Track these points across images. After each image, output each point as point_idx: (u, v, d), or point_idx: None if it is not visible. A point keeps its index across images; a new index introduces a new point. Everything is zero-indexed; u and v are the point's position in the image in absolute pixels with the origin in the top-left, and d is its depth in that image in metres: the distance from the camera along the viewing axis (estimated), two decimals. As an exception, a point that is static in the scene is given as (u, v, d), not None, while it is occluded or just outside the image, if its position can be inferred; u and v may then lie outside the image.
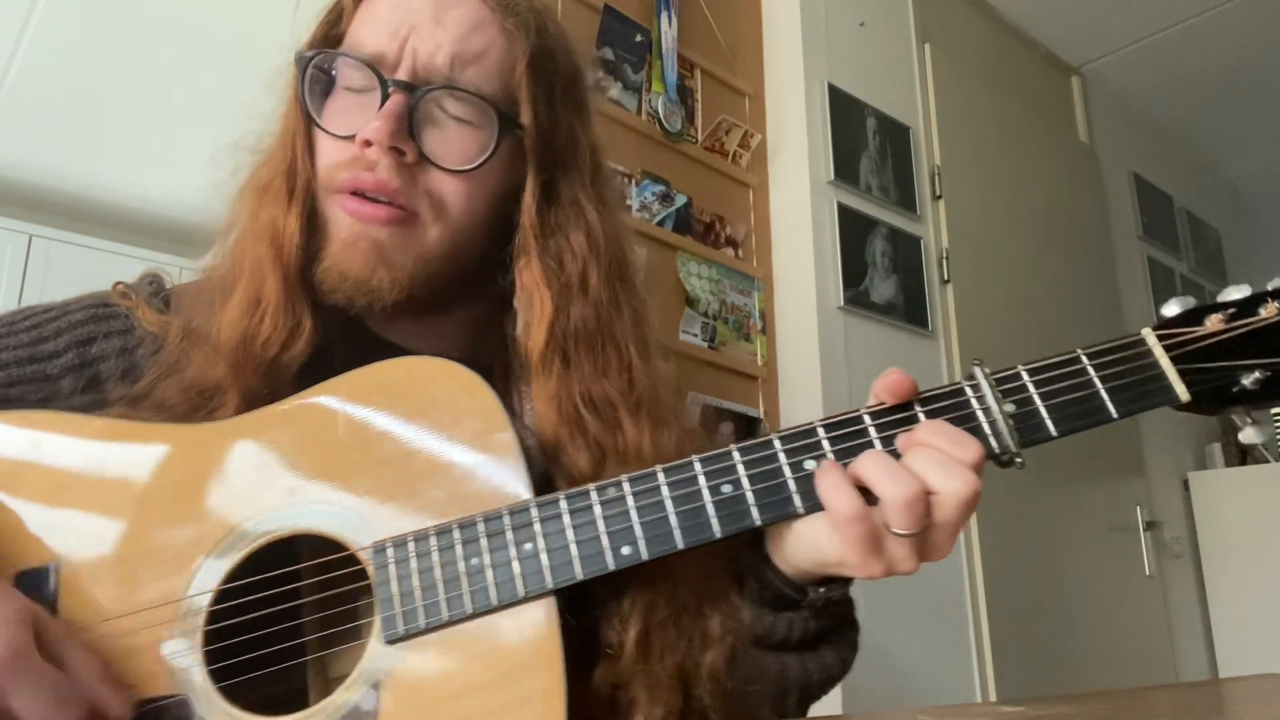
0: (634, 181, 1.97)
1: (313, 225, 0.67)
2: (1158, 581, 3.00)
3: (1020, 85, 3.18)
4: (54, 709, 0.46)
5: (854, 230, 2.30)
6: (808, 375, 2.13)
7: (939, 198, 2.60)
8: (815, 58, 2.35)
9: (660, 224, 1.99)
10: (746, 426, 2.06)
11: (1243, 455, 3.39)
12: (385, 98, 0.63)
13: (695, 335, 2.01)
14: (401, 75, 0.64)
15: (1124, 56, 3.46)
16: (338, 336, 0.68)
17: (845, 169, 2.32)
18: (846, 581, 0.63)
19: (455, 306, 0.72)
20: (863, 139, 2.41)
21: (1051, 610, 2.56)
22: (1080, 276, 3.09)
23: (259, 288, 0.65)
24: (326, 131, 0.66)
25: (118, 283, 0.71)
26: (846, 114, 2.38)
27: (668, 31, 2.08)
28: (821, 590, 0.61)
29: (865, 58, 2.52)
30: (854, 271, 2.26)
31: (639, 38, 2.02)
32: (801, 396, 2.13)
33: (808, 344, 2.15)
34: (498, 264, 0.70)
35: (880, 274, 2.34)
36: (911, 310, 2.39)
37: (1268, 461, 3.30)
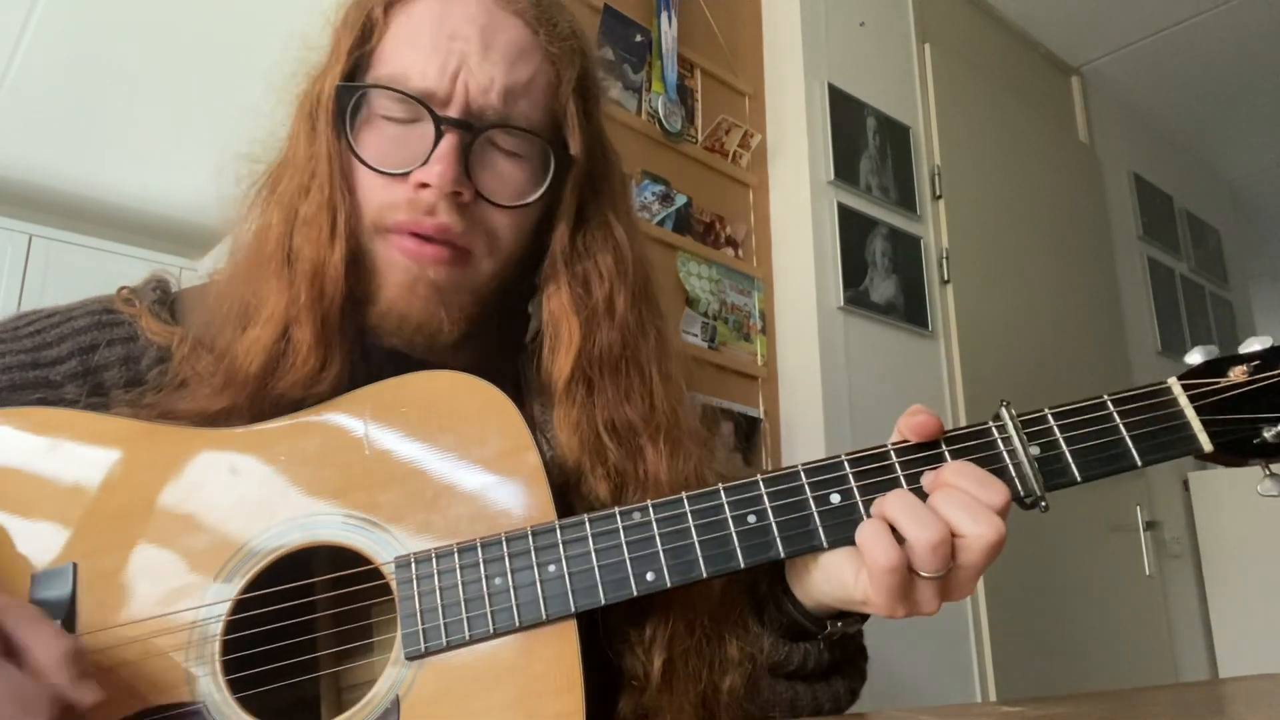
0: (634, 182, 1.96)
1: (356, 264, 0.63)
2: (1158, 581, 3.00)
3: (1020, 85, 3.18)
4: (15, 711, 0.43)
5: (854, 230, 2.29)
6: (808, 375, 2.13)
7: (939, 198, 2.60)
8: (815, 58, 2.35)
9: (660, 224, 1.99)
10: (746, 426, 2.06)
11: (1243, 455, 3.38)
12: (439, 136, 0.60)
13: (695, 335, 2.01)
14: (454, 112, 0.61)
15: (1124, 56, 3.46)
16: (361, 365, 0.65)
17: (845, 169, 2.32)
18: (863, 616, 0.63)
19: (475, 336, 0.70)
20: (863, 139, 2.41)
21: (1051, 610, 2.56)
22: (1080, 276, 3.09)
23: (289, 327, 0.62)
24: (376, 170, 0.62)
25: (122, 287, 0.69)
26: (846, 114, 2.38)
27: (668, 31, 2.08)
28: (839, 624, 0.61)
29: (865, 58, 2.52)
30: (854, 271, 2.26)
31: (639, 38, 2.02)
32: (801, 396, 2.13)
33: (808, 344, 2.15)
34: (524, 284, 0.69)
35: (880, 274, 2.34)
36: (911, 310, 2.39)
37: (1268, 461, 3.29)
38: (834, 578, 0.56)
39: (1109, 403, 0.56)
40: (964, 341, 2.48)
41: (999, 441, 0.56)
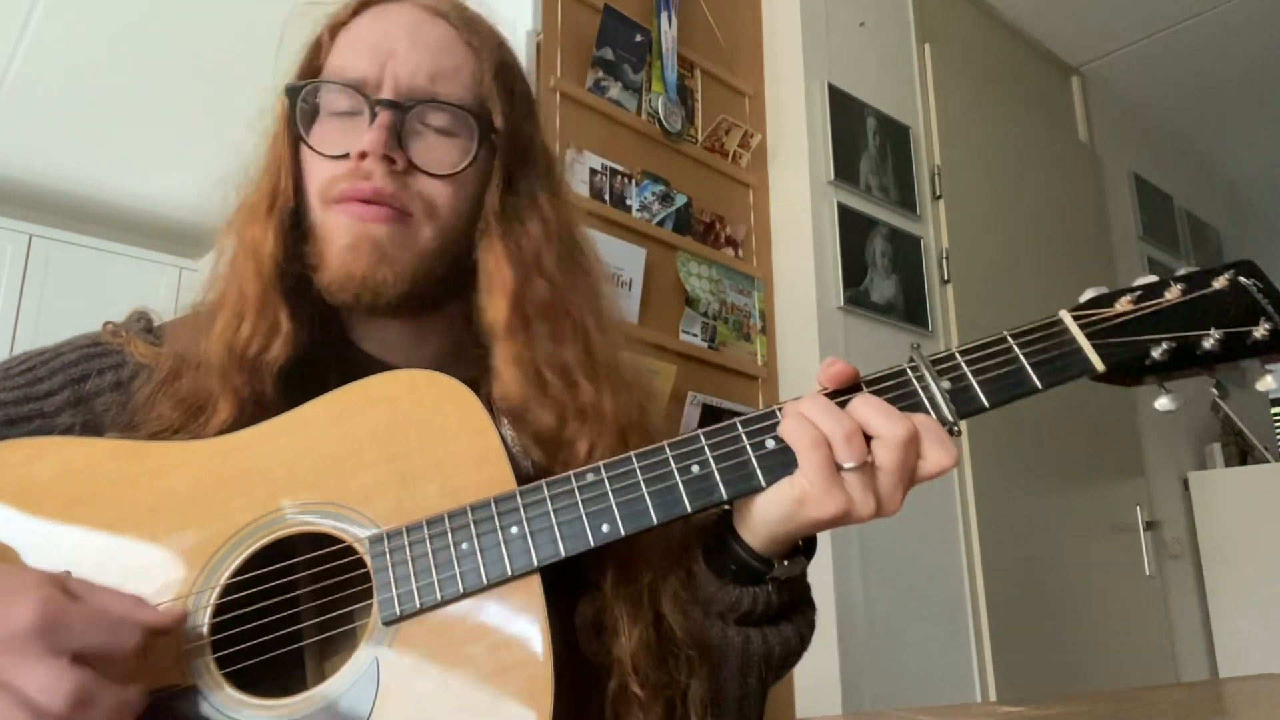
0: (634, 181, 1.96)
1: (299, 239, 0.72)
2: (1158, 581, 3.00)
3: (1020, 85, 3.18)
4: (110, 635, 0.49)
5: (854, 230, 2.30)
6: (808, 375, 2.13)
7: (939, 198, 2.60)
8: (815, 58, 2.35)
9: (660, 224, 1.99)
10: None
11: (1243, 455, 3.39)
12: (373, 115, 0.68)
13: (695, 335, 2.01)
14: (386, 95, 0.69)
15: (1124, 56, 3.46)
16: (322, 347, 0.73)
17: (845, 169, 2.32)
18: (809, 550, 0.67)
19: (445, 306, 0.76)
20: (863, 139, 2.41)
21: (1051, 610, 2.56)
22: (1080, 276, 3.06)
23: (240, 300, 0.70)
24: (320, 154, 0.70)
25: (107, 323, 0.75)
26: (846, 114, 2.38)
27: (668, 31, 2.08)
28: (785, 564, 0.65)
29: (865, 58, 2.52)
30: (854, 271, 2.26)
31: (639, 38, 2.02)
32: (801, 396, 2.13)
33: (808, 344, 2.15)
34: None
35: (880, 274, 2.34)
36: (911, 310, 2.39)
37: (1268, 461, 3.30)
38: (772, 501, 0.60)
39: (1009, 337, 0.63)
40: (964, 341, 2.47)
41: (913, 380, 0.62)
